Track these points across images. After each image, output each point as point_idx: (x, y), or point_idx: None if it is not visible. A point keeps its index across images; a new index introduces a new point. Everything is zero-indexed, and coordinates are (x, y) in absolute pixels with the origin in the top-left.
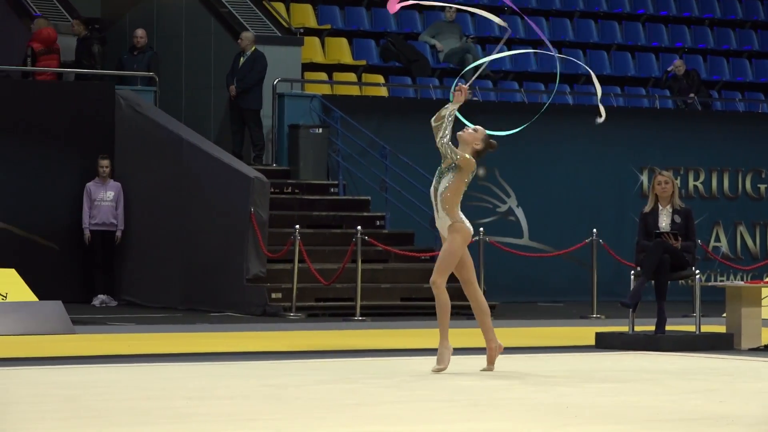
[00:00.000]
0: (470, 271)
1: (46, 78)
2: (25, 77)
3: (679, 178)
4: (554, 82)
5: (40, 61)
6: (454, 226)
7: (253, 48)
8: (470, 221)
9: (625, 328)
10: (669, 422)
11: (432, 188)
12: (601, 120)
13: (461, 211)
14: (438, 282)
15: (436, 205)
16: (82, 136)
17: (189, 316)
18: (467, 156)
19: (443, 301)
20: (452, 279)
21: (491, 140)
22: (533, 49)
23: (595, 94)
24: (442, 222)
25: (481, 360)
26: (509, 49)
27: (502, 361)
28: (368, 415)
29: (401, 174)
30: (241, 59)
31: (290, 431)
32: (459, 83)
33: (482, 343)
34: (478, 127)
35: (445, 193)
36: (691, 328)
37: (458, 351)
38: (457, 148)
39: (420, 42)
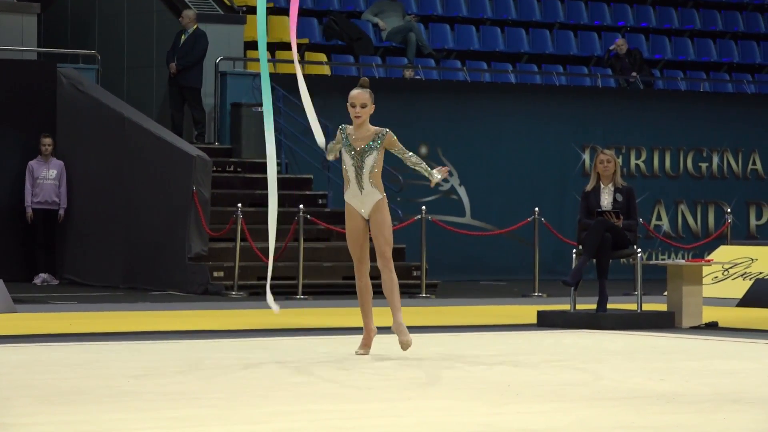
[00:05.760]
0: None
1: None
2: None
3: (620, 156)
4: (497, 61)
5: None
6: (383, 201)
7: (194, 26)
8: (413, 200)
9: (566, 307)
10: (610, 400)
11: (351, 166)
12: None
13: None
14: (390, 259)
15: (361, 182)
16: (23, 114)
17: (130, 295)
18: (395, 139)
19: (395, 279)
20: (393, 257)
21: (361, 83)
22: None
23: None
24: (368, 197)
25: (420, 338)
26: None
27: (445, 339)
28: (311, 393)
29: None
30: (183, 37)
31: (232, 410)
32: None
33: (416, 322)
34: (353, 96)
35: (374, 170)
36: (633, 307)
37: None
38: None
39: (363, 20)
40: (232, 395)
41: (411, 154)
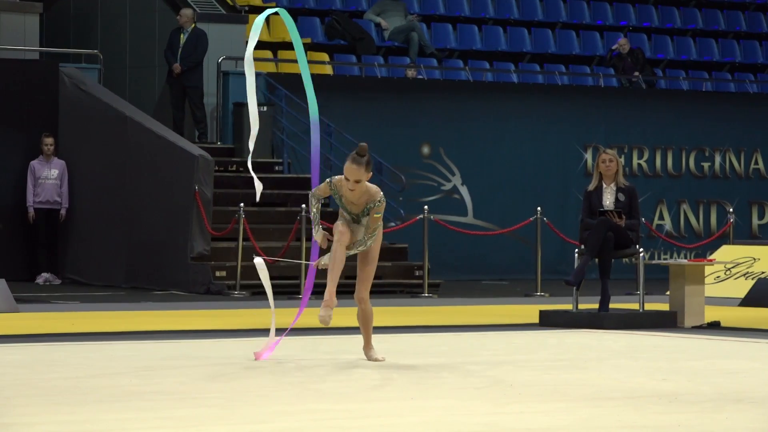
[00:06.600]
0: None
1: None
2: None
3: (623, 156)
4: (500, 60)
5: None
6: (377, 236)
7: (192, 25)
8: (415, 199)
9: (569, 306)
10: (612, 400)
11: (349, 218)
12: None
13: None
14: (366, 297)
15: (359, 223)
16: (25, 113)
17: (133, 294)
18: (378, 215)
19: (370, 311)
20: (395, 257)
21: (358, 152)
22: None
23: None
24: (360, 228)
25: (422, 338)
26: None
27: (447, 339)
28: (312, 393)
29: (345, 152)
30: (182, 36)
31: (232, 410)
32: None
33: (418, 321)
34: (347, 171)
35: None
36: (635, 306)
37: (399, 329)
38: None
39: (365, 20)
40: (232, 395)
41: (372, 231)
